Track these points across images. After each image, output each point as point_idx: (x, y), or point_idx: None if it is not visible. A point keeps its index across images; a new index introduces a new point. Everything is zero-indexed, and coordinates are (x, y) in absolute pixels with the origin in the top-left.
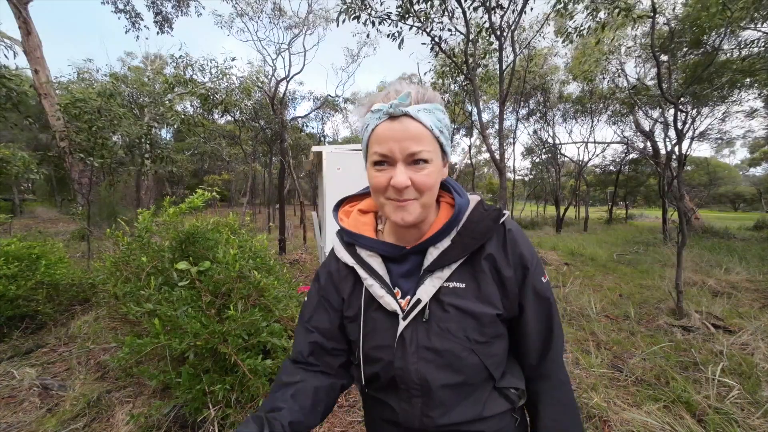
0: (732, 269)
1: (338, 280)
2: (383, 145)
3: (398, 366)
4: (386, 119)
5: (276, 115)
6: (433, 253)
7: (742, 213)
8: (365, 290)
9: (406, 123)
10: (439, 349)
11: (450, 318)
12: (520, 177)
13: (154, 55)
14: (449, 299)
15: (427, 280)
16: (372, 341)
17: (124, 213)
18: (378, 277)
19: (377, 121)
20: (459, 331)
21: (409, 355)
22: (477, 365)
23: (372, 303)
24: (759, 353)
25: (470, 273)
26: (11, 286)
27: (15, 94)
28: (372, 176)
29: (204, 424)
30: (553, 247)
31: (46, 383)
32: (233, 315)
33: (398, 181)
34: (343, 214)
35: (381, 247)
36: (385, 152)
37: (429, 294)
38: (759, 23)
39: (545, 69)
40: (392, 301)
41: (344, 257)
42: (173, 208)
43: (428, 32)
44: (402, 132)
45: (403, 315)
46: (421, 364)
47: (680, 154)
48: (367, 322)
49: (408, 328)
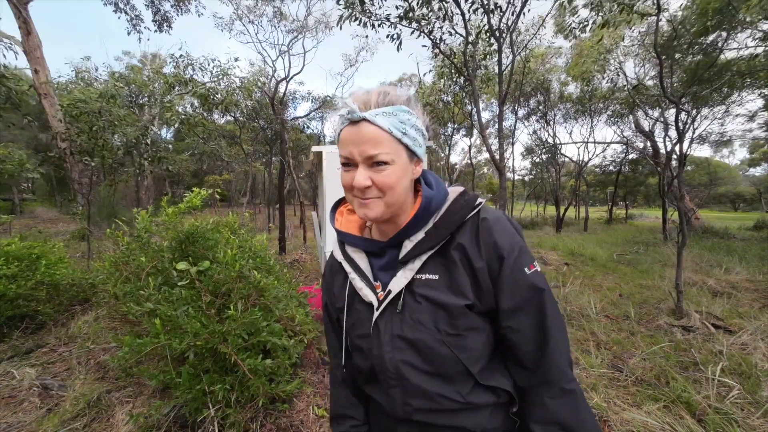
0: (732, 269)
1: (332, 276)
2: (345, 149)
3: (375, 354)
4: (347, 124)
5: (276, 115)
6: (407, 245)
7: (742, 213)
8: (350, 283)
9: (363, 127)
10: (411, 339)
11: (422, 309)
12: (520, 177)
13: (152, 55)
14: (421, 290)
15: (399, 272)
16: (355, 331)
17: (123, 213)
18: (359, 271)
19: (341, 126)
20: (430, 323)
21: (383, 344)
22: (449, 357)
23: (356, 295)
24: (759, 353)
25: (443, 264)
26: (11, 286)
27: (15, 94)
28: (341, 176)
29: (204, 424)
30: (553, 247)
31: (46, 383)
32: (233, 315)
33: (357, 182)
34: (338, 215)
35: (361, 243)
36: (346, 155)
37: (400, 285)
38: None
39: (545, 69)
40: (369, 293)
41: (336, 254)
42: (172, 208)
43: (428, 34)
44: (358, 136)
45: (377, 305)
46: (395, 353)
47: (680, 154)
48: (352, 313)
49: (382, 318)
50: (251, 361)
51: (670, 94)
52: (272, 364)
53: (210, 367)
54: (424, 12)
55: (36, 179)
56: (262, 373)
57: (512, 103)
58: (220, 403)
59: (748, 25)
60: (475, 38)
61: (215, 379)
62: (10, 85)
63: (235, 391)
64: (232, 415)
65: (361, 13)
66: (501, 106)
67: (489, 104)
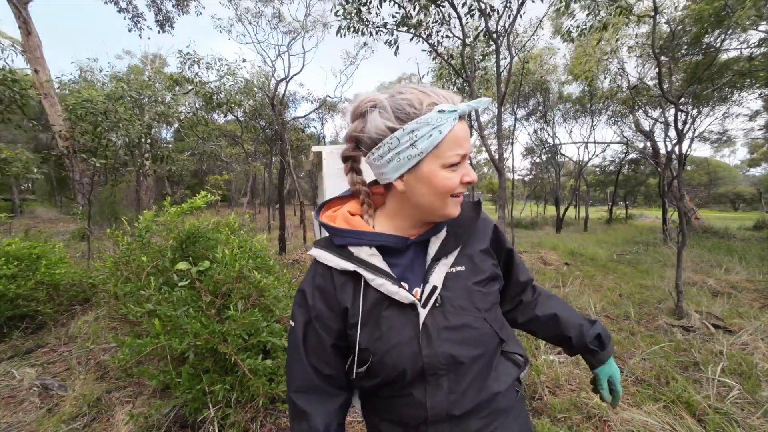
0: (732, 269)
1: (334, 292)
2: (463, 146)
3: (426, 353)
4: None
5: (276, 115)
6: (435, 242)
7: (742, 213)
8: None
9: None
10: (457, 326)
11: (459, 296)
12: (520, 177)
13: (153, 55)
14: (455, 282)
15: (436, 267)
16: (390, 340)
17: (124, 213)
18: (386, 275)
19: (454, 122)
20: (469, 305)
21: (434, 340)
22: (489, 332)
23: (381, 303)
24: (759, 353)
25: (466, 255)
26: (11, 286)
27: (19, 97)
28: (445, 177)
29: (204, 424)
30: (553, 247)
31: (46, 383)
32: (233, 315)
33: (475, 177)
34: (326, 219)
35: (385, 239)
36: (464, 152)
37: (441, 280)
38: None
39: (544, 69)
40: (407, 294)
41: (341, 264)
42: (175, 209)
43: (425, 39)
44: (467, 133)
45: (422, 303)
46: (447, 345)
47: (680, 154)
48: (379, 322)
49: (429, 315)
50: (251, 361)
51: (669, 95)
52: (272, 364)
53: (210, 367)
54: (421, 18)
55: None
56: (262, 373)
57: (511, 104)
58: (220, 403)
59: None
60: (472, 40)
61: (215, 379)
62: (16, 88)
63: (235, 391)
64: (232, 415)
65: (358, 23)
66: (500, 107)
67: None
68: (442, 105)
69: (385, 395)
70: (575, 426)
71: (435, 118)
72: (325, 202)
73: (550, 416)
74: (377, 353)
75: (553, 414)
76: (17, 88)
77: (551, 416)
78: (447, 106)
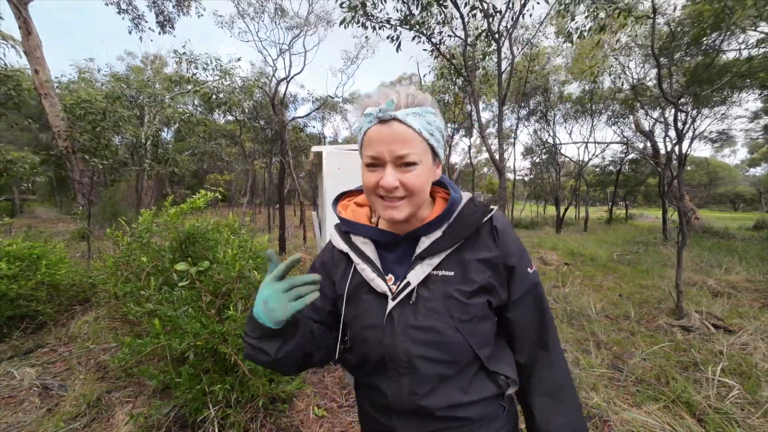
0: (732, 269)
1: (331, 266)
2: (373, 148)
3: (387, 344)
4: (376, 123)
5: (276, 115)
6: (425, 241)
7: (742, 213)
8: (355, 273)
9: (394, 127)
10: (425, 327)
11: (436, 299)
12: (520, 177)
13: (153, 56)
14: (437, 285)
15: (417, 266)
16: (362, 321)
17: (124, 213)
18: (370, 262)
19: (368, 125)
20: (443, 310)
21: (397, 334)
22: (461, 343)
23: (363, 286)
24: (759, 353)
25: (458, 263)
26: (12, 286)
27: (15, 94)
28: (364, 176)
29: (204, 424)
30: (553, 247)
31: (46, 383)
32: (233, 315)
33: (386, 183)
34: (341, 207)
35: (375, 234)
36: (374, 155)
37: (418, 278)
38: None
39: (547, 68)
40: (382, 284)
41: (339, 244)
42: (174, 209)
43: (428, 38)
44: (390, 135)
45: (393, 296)
46: (408, 342)
47: (680, 154)
48: (358, 303)
49: (396, 309)
50: (251, 362)
51: (669, 95)
52: None
53: (210, 367)
54: (424, 16)
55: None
56: (262, 374)
57: (512, 104)
58: (220, 403)
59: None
60: (474, 40)
61: (215, 379)
62: (11, 84)
63: (235, 391)
64: (232, 415)
65: (362, 16)
66: (501, 107)
67: (489, 104)
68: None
69: (362, 378)
70: None
71: (361, 119)
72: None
73: None
74: (353, 329)
75: None
76: (11, 85)
77: None
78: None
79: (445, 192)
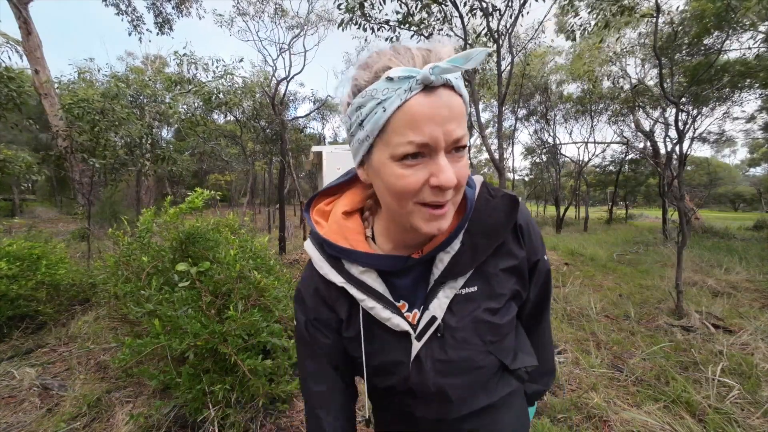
0: (732, 269)
1: (330, 299)
2: (421, 130)
3: (415, 381)
4: (420, 91)
5: (276, 115)
6: (443, 259)
7: (742, 213)
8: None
9: (447, 97)
10: (456, 360)
11: (465, 327)
12: (520, 177)
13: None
14: (462, 307)
15: (439, 292)
16: (381, 358)
17: (124, 213)
18: (379, 297)
19: (406, 95)
20: (475, 338)
21: (426, 372)
22: (492, 363)
23: (375, 322)
24: (759, 353)
25: (482, 274)
26: (12, 286)
27: (16, 95)
28: (398, 175)
29: (204, 424)
30: (553, 247)
31: (46, 383)
32: (233, 315)
33: (447, 179)
34: (318, 216)
35: (382, 263)
36: (425, 140)
37: (443, 308)
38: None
39: (546, 69)
40: (401, 322)
41: (330, 276)
42: (174, 209)
43: (427, 38)
44: (446, 109)
45: (416, 335)
46: (438, 377)
47: (681, 154)
48: (372, 340)
49: (423, 347)
50: (251, 362)
51: (669, 95)
52: (272, 364)
53: (210, 367)
54: (423, 16)
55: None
56: (262, 374)
57: (512, 104)
58: (220, 404)
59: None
60: (474, 40)
61: (215, 379)
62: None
63: (235, 391)
64: (232, 415)
65: (361, 17)
66: (500, 107)
67: (489, 104)
68: (394, 69)
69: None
70: (575, 426)
71: (381, 89)
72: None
73: (550, 416)
74: (371, 365)
75: (553, 414)
76: (14, 86)
77: (551, 416)
78: (400, 70)
79: None
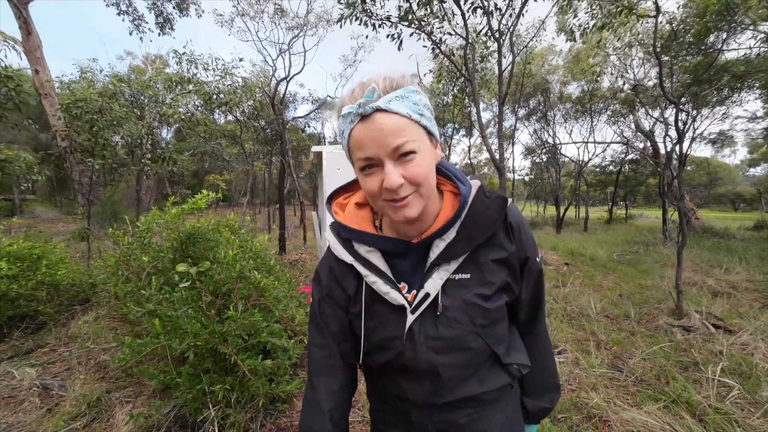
0: (732, 269)
1: (341, 276)
2: (363, 149)
3: (409, 356)
4: (359, 121)
5: (276, 115)
6: (439, 245)
7: (742, 213)
8: (367, 287)
9: (380, 119)
10: (447, 337)
11: (456, 307)
12: (520, 177)
13: (154, 56)
14: (455, 290)
15: (434, 273)
16: (380, 334)
17: (124, 213)
18: (381, 273)
19: (351, 125)
20: (465, 318)
21: (418, 346)
22: (481, 346)
23: (376, 297)
24: (759, 353)
25: (474, 264)
26: (13, 286)
27: (15, 94)
28: (363, 183)
29: (204, 424)
30: (553, 247)
31: (46, 383)
32: (233, 315)
33: (391, 183)
34: (337, 207)
35: (384, 244)
36: (368, 155)
37: (437, 287)
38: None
39: (546, 69)
40: (399, 296)
41: (342, 255)
42: (175, 209)
43: (428, 35)
44: (379, 129)
45: (411, 309)
46: (430, 353)
47: (681, 154)
48: (373, 315)
49: (416, 321)
50: (251, 362)
51: (669, 95)
52: (272, 364)
53: (210, 367)
54: (424, 13)
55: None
56: (262, 374)
57: (512, 104)
58: (220, 403)
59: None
60: (474, 38)
61: (215, 379)
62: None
63: (235, 391)
64: (232, 415)
65: (362, 13)
66: (501, 107)
67: (489, 104)
68: (344, 108)
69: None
70: (575, 426)
71: (340, 124)
72: (337, 189)
73: (550, 416)
74: (370, 340)
75: (553, 414)
76: (12, 86)
77: (551, 416)
78: (345, 108)
79: (453, 185)
